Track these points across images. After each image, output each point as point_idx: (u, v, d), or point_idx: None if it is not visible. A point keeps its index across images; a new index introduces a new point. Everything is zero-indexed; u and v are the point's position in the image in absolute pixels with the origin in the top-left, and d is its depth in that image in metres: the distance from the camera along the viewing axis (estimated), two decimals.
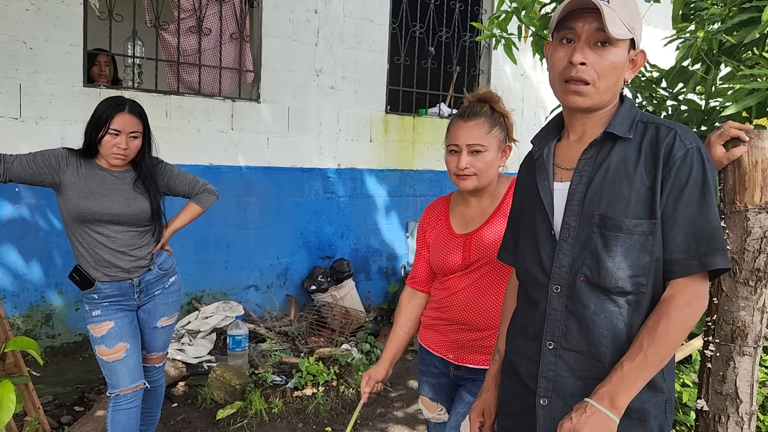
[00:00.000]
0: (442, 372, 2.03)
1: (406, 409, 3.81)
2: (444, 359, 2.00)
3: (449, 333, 1.98)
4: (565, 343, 1.32)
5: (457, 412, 1.96)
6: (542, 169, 1.43)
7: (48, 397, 3.60)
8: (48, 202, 4.16)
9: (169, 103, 4.59)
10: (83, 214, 2.52)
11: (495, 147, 1.90)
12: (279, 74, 5.11)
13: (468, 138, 1.86)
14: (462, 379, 1.99)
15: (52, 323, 4.32)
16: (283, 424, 3.56)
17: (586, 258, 1.30)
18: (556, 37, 1.35)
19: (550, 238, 1.37)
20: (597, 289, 1.29)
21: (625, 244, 1.27)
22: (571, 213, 1.33)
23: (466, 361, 1.95)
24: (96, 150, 2.55)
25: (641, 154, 1.29)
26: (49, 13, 4.10)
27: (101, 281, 2.59)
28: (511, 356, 1.47)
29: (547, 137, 1.48)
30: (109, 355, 2.60)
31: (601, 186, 1.30)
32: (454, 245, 1.95)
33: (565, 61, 1.31)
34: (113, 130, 2.50)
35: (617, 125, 1.33)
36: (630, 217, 1.26)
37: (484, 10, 6.30)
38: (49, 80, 4.14)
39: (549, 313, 1.35)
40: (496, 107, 1.94)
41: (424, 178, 6.02)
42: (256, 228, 5.11)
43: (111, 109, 2.52)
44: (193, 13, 4.75)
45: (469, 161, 1.86)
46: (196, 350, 4.23)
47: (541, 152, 1.46)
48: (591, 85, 1.30)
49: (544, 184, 1.40)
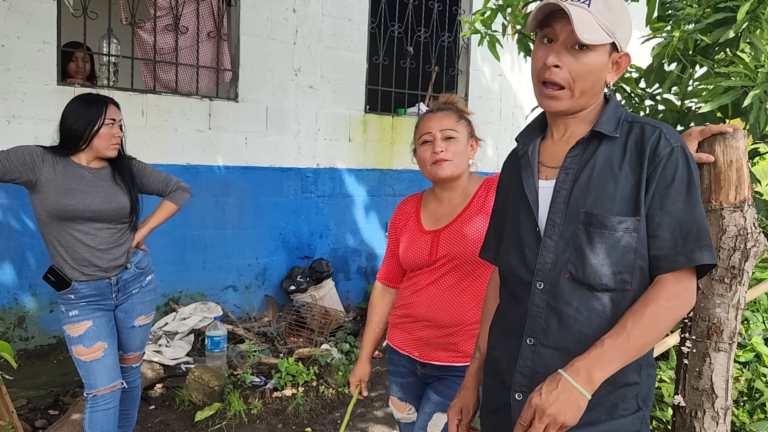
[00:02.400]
0: (410, 371, 2.04)
1: (386, 409, 3.81)
2: (411, 357, 2.02)
3: (414, 330, 1.99)
4: (545, 339, 1.33)
5: (424, 412, 1.97)
6: (527, 167, 1.43)
7: (22, 401, 3.53)
8: (21, 203, 4.08)
9: (145, 101, 4.54)
10: (63, 212, 2.48)
11: (465, 136, 1.96)
12: (257, 73, 5.07)
13: (440, 125, 1.93)
14: (429, 377, 2.00)
15: (25, 326, 4.24)
16: (262, 425, 3.53)
17: (570, 255, 1.31)
18: (539, 35, 1.35)
19: (534, 235, 1.37)
20: (581, 286, 1.30)
21: (609, 241, 1.27)
22: (556, 210, 1.34)
23: (432, 358, 1.96)
24: (86, 145, 2.53)
25: (627, 152, 1.30)
26: (22, 10, 4.03)
27: (78, 281, 2.55)
28: (493, 353, 1.48)
29: (531, 135, 1.48)
30: (87, 355, 2.57)
31: (587, 184, 1.31)
32: (423, 241, 1.97)
33: (541, 62, 1.32)
34: (109, 120, 2.54)
35: (604, 124, 1.33)
36: (615, 215, 1.27)
37: (462, 10, 6.32)
38: (22, 78, 4.06)
39: (530, 310, 1.35)
40: (460, 107, 2.02)
41: (403, 177, 6.03)
42: (234, 228, 5.07)
43: (102, 101, 2.56)
44: (169, 11, 4.70)
45: (444, 146, 1.91)
46: (173, 352, 4.18)
47: (526, 150, 1.46)
48: (566, 89, 1.31)
49: (529, 182, 1.41)
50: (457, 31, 6.28)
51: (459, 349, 1.91)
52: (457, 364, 1.92)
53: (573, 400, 1.20)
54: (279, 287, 5.34)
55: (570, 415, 1.20)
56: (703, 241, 1.25)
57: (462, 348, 1.91)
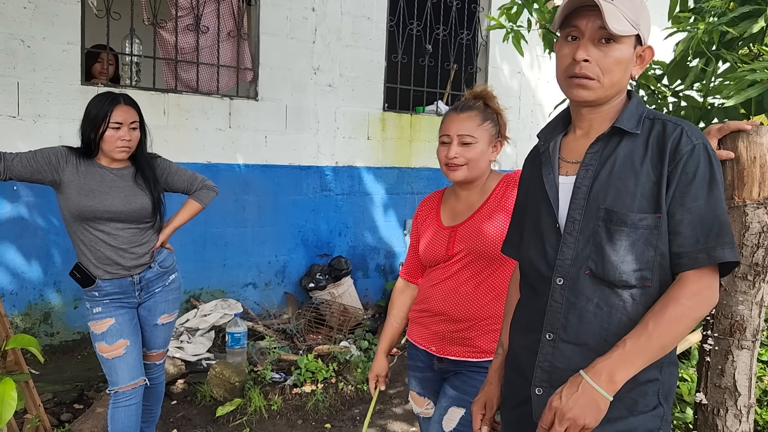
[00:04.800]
0: (428, 366, 2.05)
1: (405, 406, 3.82)
2: (428, 352, 2.03)
3: (431, 325, 2.00)
4: (564, 335, 1.33)
5: (440, 406, 1.98)
6: (548, 163, 1.44)
7: (48, 395, 3.59)
8: (47, 201, 4.15)
9: (167, 101, 4.59)
10: (84, 212, 2.52)
11: (485, 140, 1.94)
12: (277, 72, 5.11)
13: (459, 129, 1.91)
14: (446, 372, 2.01)
15: (51, 321, 4.31)
16: (282, 421, 3.57)
17: (590, 251, 1.31)
18: (561, 35, 1.37)
19: (554, 231, 1.38)
20: (601, 283, 1.30)
21: (630, 238, 1.28)
22: (576, 206, 1.34)
23: (448, 353, 1.97)
24: (96, 148, 2.55)
25: (648, 149, 1.30)
26: (47, 11, 4.10)
27: (102, 279, 2.59)
28: (513, 348, 1.49)
29: (553, 131, 1.49)
30: (109, 352, 2.60)
31: (607, 180, 1.31)
32: (441, 237, 1.99)
33: (569, 59, 1.33)
34: (115, 123, 2.51)
35: (625, 120, 1.34)
36: (635, 212, 1.27)
37: (482, 8, 6.31)
38: (47, 78, 4.13)
39: (550, 305, 1.35)
40: (490, 104, 1.99)
41: (421, 175, 6.03)
42: (254, 226, 5.11)
43: (107, 104, 2.53)
44: (190, 11, 4.75)
45: (459, 151, 1.90)
46: (195, 348, 4.23)
47: (547, 146, 1.46)
48: (596, 80, 1.32)
49: (550, 178, 1.41)
50: (475, 29, 6.27)
51: (474, 344, 1.92)
52: (472, 359, 1.93)
53: (594, 403, 1.21)
54: (298, 284, 5.38)
55: (590, 417, 1.21)
56: (725, 239, 1.25)
57: (477, 343, 1.92)
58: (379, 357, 2.16)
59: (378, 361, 2.15)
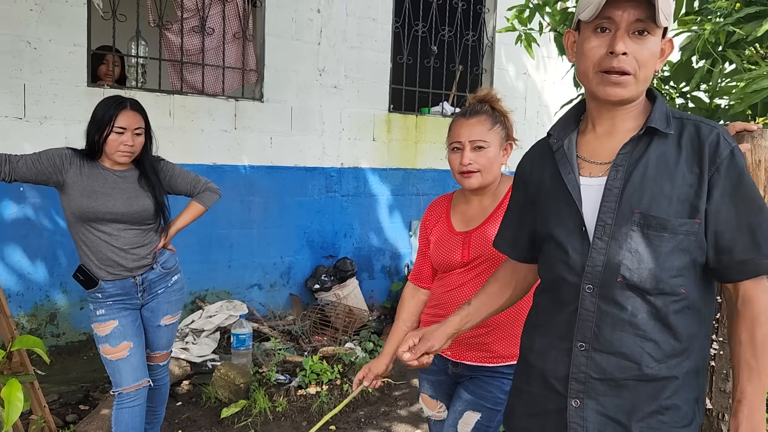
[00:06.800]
0: (441, 369, 2.04)
1: (409, 408, 3.82)
2: (442, 356, 2.01)
3: None
4: (597, 344, 1.28)
5: (455, 410, 1.97)
6: (565, 162, 1.36)
7: (53, 396, 3.61)
8: (52, 202, 4.17)
9: (172, 102, 4.60)
10: (86, 214, 2.53)
11: (497, 144, 1.92)
12: (282, 74, 5.11)
13: (470, 134, 1.89)
14: (460, 377, 2.00)
15: (56, 322, 4.33)
16: (287, 423, 3.57)
17: (624, 258, 1.25)
18: (587, 27, 1.29)
19: (580, 236, 1.31)
20: (635, 290, 1.25)
21: (669, 244, 1.23)
22: (607, 210, 1.27)
23: (464, 358, 1.95)
24: (100, 151, 2.56)
25: (682, 150, 1.26)
26: (53, 13, 4.11)
27: (105, 280, 2.60)
28: (530, 356, 1.43)
29: (565, 129, 1.41)
30: (112, 354, 2.61)
31: (641, 183, 1.25)
32: (454, 243, 1.97)
33: (602, 51, 1.26)
34: (119, 128, 2.52)
35: (657, 120, 1.28)
36: (674, 216, 1.23)
37: (487, 9, 6.29)
38: (53, 80, 4.15)
39: (580, 314, 1.29)
40: (496, 107, 1.97)
41: (427, 177, 6.03)
42: (259, 227, 5.12)
43: (113, 108, 2.54)
44: (196, 13, 4.76)
45: (473, 157, 1.88)
46: (200, 349, 4.24)
47: (561, 144, 1.39)
48: (632, 75, 1.26)
49: (570, 178, 1.33)
50: (481, 30, 6.26)
51: (491, 349, 1.91)
52: (489, 365, 1.92)
53: None
54: (303, 286, 5.38)
55: None
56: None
57: (494, 348, 1.90)
58: (382, 357, 2.08)
59: (379, 361, 2.07)
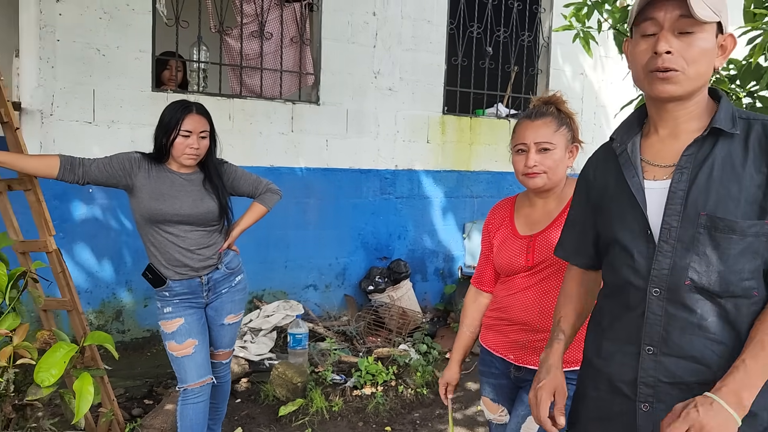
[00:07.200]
0: (503, 373, 2.03)
1: (464, 411, 3.80)
2: (505, 360, 2.00)
3: (510, 333, 1.97)
4: (665, 348, 1.27)
5: (518, 414, 1.95)
6: (629, 166, 1.35)
7: (119, 390, 3.73)
8: (119, 203, 4.33)
9: (232, 106, 4.71)
10: (154, 216, 2.61)
11: (563, 146, 1.90)
12: (338, 76, 5.17)
13: (536, 136, 1.87)
14: (523, 381, 1.98)
15: (122, 319, 4.49)
16: (343, 423, 3.60)
17: (692, 261, 1.24)
18: (636, 32, 1.30)
19: (645, 239, 1.30)
20: (704, 293, 1.24)
21: (738, 246, 1.21)
22: (672, 212, 1.27)
23: (527, 362, 1.94)
24: (167, 154, 2.64)
25: (749, 151, 1.24)
26: (121, 21, 4.27)
27: (172, 279, 2.68)
28: (596, 360, 1.42)
29: (629, 132, 1.41)
30: (178, 351, 2.69)
31: (706, 184, 1.24)
32: (518, 246, 1.95)
33: (649, 53, 1.26)
34: (185, 132, 2.58)
35: (722, 120, 1.26)
36: (741, 218, 1.21)
37: (543, 9, 6.21)
38: (120, 85, 4.31)
39: (648, 318, 1.29)
40: (562, 108, 1.95)
41: (481, 179, 5.99)
42: (315, 228, 5.19)
43: (180, 111, 2.61)
44: (255, 18, 4.86)
45: (538, 159, 1.87)
46: (258, 348, 4.32)
47: (625, 147, 1.38)
48: (680, 72, 1.25)
49: (635, 181, 1.33)
50: (537, 30, 6.18)
51: None
52: None
53: (727, 422, 1.14)
54: (358, 287, 5.42)
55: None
56: None
57: None
58: (452, 366, 2.14)
59: (450, 370, 2.14)
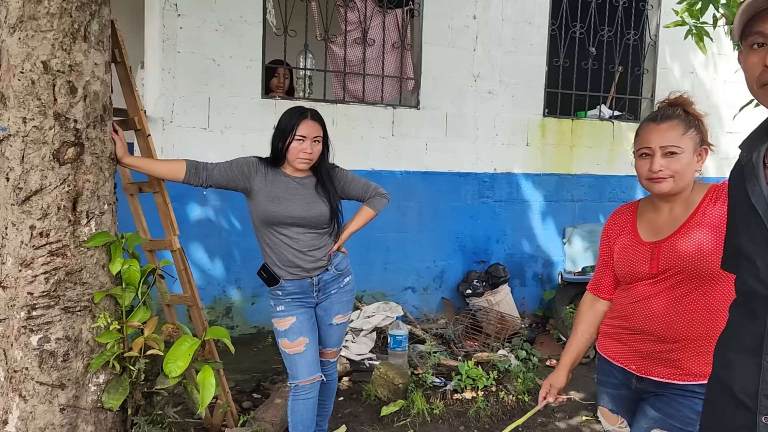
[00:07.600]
0: (623, 383, 1.97)
1: (568, 421, 3.72)
2: (625, 370, 1.95)
3: (632, 343, 1.92)
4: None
5: (640, 427, 1.90)
6: (752, 175, 1.33)
7: (230, 384, 3.92)
8: (230, 205, 4.55)
9: (335, 111, 4.84)
10: (270, 218, 2.74)
11: (690, 149, 1.82)
12: (438, 81, 5.20)
13: (661, 140, 1.81)
14: (645, 392, 1.92)
15: (231, 315, 4.72)
16: (444, 426, 3.62)
17: None
18: (746, 44, 1.27)
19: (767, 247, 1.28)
20: None
21: None
22: None
23: (651, 374, 1.88)
24: (283, 158, 2.76)
25: None
26: (234, 32, 4.50)
27: (285, 279, 2.79)
28: (720, 370, 1.40)
29: (756, 141, 1.37)
30: (290, 348, 2.80)
31: None
32: (641, 253, 1.89)
33: (759, 67, 1.23)
34: (299, 136, 2.69)
35: None
36: None
37: (650, 6, 5.98)
38: (233, 93, 4.53)
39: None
40: (690, 110, 1.87)
41: (582, 182, 5.84)
42: (414, 231, 5.24)
43: (296, 117, 2.73)
44: (358, 25, 4.97)
45: (664, 164, 1.80)
46: (359, 348, 4.42)
47: (750, 157, 1.35)
48: None
49: (755, 189, 1.30)
50: (643, 28, 5.96)
51: (681, 366, 1.82)
52: (678, 382, 1.83)
53: None
54: (455, 290, 5.42)
55: None
56: None
57: (684, 365, 1.82)
58: (560, 370, 2.11)
59: (558, 374, 2.11)
